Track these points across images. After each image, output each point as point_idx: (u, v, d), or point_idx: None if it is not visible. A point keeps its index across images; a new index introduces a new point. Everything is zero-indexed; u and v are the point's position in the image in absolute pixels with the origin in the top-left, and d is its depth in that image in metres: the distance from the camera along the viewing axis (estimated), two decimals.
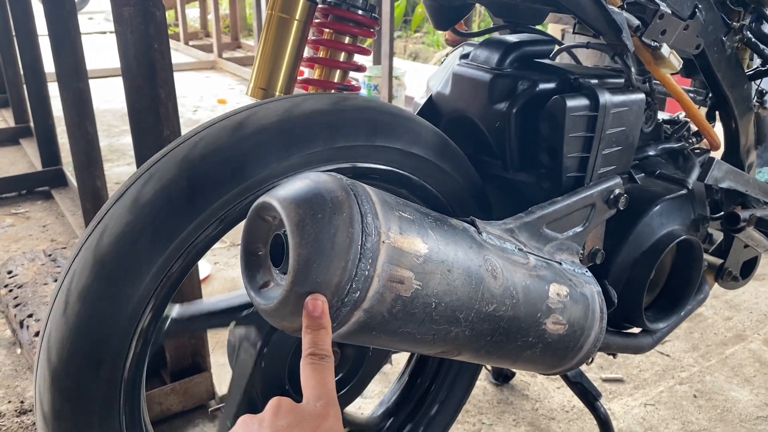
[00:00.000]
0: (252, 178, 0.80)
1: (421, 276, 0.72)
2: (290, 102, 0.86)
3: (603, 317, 0.99)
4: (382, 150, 0.92)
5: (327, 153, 0.86)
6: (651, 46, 1.06)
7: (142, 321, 0.79)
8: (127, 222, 0.76)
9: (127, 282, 0.76)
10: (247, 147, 0.80)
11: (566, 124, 1.01)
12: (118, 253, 0.76)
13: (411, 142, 0.95)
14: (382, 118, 0.92)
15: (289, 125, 0.83)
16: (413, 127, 0.96)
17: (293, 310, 0.66)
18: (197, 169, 0.78)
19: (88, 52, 2.34)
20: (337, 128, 0.87)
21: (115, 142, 3.98)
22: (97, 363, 0.77)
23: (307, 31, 1.05)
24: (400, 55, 7.23)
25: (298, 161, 0.83)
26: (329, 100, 0.89)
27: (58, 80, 2.20)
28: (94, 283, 0.76)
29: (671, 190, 1.18)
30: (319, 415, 0.56)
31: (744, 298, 2.32)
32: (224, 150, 0.79)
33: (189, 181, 0.78)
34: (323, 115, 0.86)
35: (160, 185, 0.77)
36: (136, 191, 0.78)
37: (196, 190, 0.78)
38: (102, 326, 0.76)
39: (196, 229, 0.79)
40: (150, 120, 1.46)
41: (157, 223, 0.77)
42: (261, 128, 0.81)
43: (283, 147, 0.82)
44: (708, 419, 1.72)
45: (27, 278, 2.01)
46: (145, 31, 1.39)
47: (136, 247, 0.76)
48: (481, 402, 1.77)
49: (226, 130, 0.80)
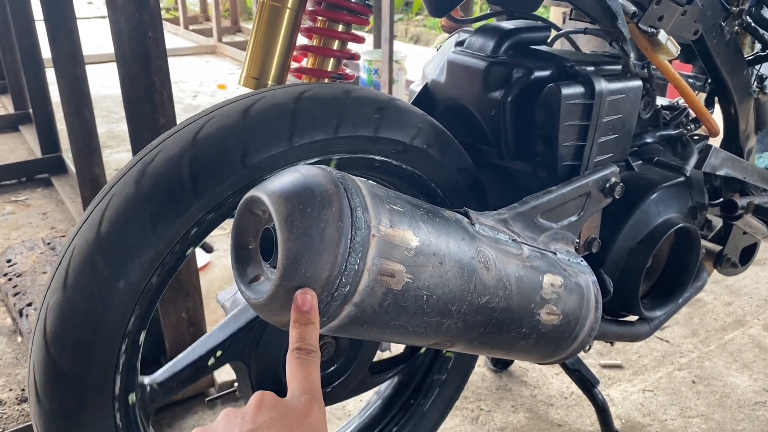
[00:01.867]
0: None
1: (412, 269, 0.72)
2: (283, 92, 0.85)
3: (598, 307, 0.98)
4: (376, 140, 0.91)
5: (322, 143, 0.86)
6: (648, 33, 1.04)
7: (143, 296, 0.79)
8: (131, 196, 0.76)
9: (129, 258, 0.76)
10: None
11: (561, 112, 1.00)
12: (118, 232, 0.76)
13: (404, 132, 0.94)
14: (375, 107, 0.91)
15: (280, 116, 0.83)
16: (406, 116, 0.95)
17: (283, 305, 0.66)
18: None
19: (87, 37, 2.32)
20: (333, 119, 0.86)
21: (115, 128, 3.97)
22: (93, 345, 0.77)
23: (300, 20, 1.03)
24: (401, 38, 7.18)
25: (294, 152, 0.83)
26: (330, 90, 0.88)
27: (54, 67, 2.19)
28: (94, 260, 0.75)
29: (669, 178, 1.17)
30: (303, 411, 0.56)
31: (744, 283, 2.32)
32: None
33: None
34: (316, 105, 0.86)
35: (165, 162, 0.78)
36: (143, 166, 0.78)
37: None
38: (99, 306, 0.76)
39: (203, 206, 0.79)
40: (145, 108, 1.45)
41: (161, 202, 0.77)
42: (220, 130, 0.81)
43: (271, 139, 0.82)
44: (706, 405, 1.73)
45: (26, 267, 2.01)
46: (140, 19, 1.37)
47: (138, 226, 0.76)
48: (480, 388, 1.77)
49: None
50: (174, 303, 1.64)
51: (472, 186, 1.06)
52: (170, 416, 1.66)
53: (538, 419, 1.67)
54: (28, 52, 3.08)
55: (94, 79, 4.50)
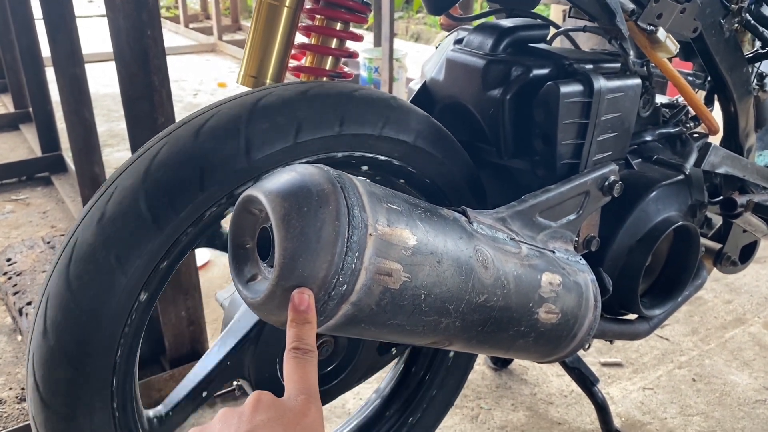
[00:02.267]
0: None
1: (409, 268, 0.72)
2: (283, 90, 0.85)
3: (597, 305, 0.98)
4: (375, 139, 0.91)
5: (321, 142, 0.86)
6: (647, 30, 1.04)
7: (145, 289, 0.79)
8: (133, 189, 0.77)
9: (132, 252, 0.77)
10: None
11: (560, 110, 1.00)
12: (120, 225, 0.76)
13: (403, 131, 0.94)
14: (374, 106, 0.91)
15: (284, 115, 0.83)
16: (406, 115, 0.95)
17: (280, 304, 0.66)
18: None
19: (87, 35, 2.32)
20: (334, 117, 0.86)
21: (115, 126, 3.97)
22: (92, 339, 0.77)
23: (298, 18, 1.03)
24: (401, 36, 7.17)
25: (295, 150, 0.83)
26: (330, 88, 0.88)
27: (54, 66, 2.19)
28: (96, 246, 0.76)
29: (668, 176, 1.17)
30: (300, 411, 0.56)
31: (744, 281, 2.31)
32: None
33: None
34: (315, 103, 0.86)
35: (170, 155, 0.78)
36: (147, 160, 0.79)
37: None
38: (101, 299, 0.76)
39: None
40: (144, 107, 1.45)
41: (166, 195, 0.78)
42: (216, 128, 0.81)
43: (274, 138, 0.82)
44: (706, 403, 1.72)
45: (26, 266, 2.01)
46: (138, 18, 1.37)
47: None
48: (480, 387, 1.77)
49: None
50: (173, 302, 1.64)
51: (471, 184, 1.06)
52: None
53: (537, 417, 1.67)
54: (27, 51, 3.08)
55: (95, 78, 4.51)
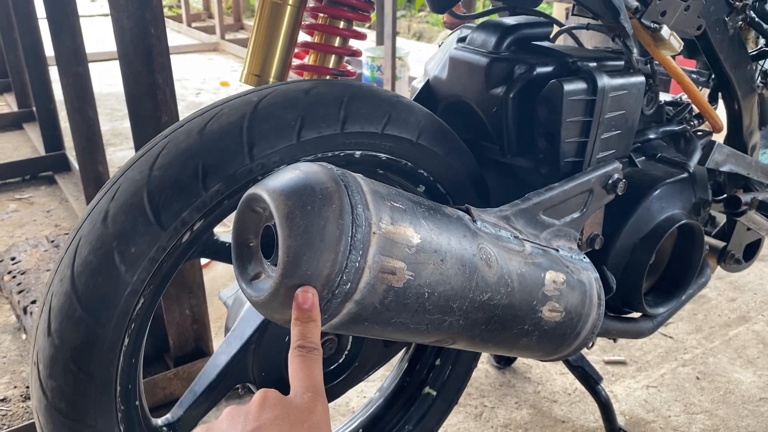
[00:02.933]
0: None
1: (413, 266, 0.72)
2: (287, 87, 0.85)
3: (601, 303, 0.98)
4: (378, 137, 0.91)
5: (322, 140, 0.86)
6: (651, 28, 1.04)
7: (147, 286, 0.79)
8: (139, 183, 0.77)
9: (138, 245, 0.77)
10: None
11: (564, 108, 1.00)
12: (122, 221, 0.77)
13: (407, 129, 0.94)
14: (377, 104, 0.91)
15: (282, 112, 0.83)
16: (409, 113, 0.95)
17: (284, 302, 0.66)
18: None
19: (91, 35, 2.33)
20: (334, 115, 0.86)
21: (118, 125, 3.98)
22: (97, 337, 0.77)
23: (301, 16, 1.03)
24: (404, 34, 7.17)
25: (294, 149, 0.83)
26: (327, 86, 0.88)
27: (57, 65, 2.19)
28: (104, 238, 0.76)
29: (672, 174, 1.16)
30: (306, 409, 0.56)
31: (749, 279, 2.31)
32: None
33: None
34: (317, 101, 0.86)
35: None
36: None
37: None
38: (105, 295, 0.76)
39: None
40: (148, 106, 1.45)
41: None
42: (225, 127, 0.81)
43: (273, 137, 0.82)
44: (710, 401, 1.72)
45: (30, 264, 2.02)
46: (142, 17, 1.37)
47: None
48: (483, 385, 1.77)
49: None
50: (177, 300, 1.64)
51: (475, 182, 1.06)
52: None
53: (541, 416, 1.67)
54: (31, 50, 3.09)
55: (98, 77, 4.51)
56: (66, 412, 0.78)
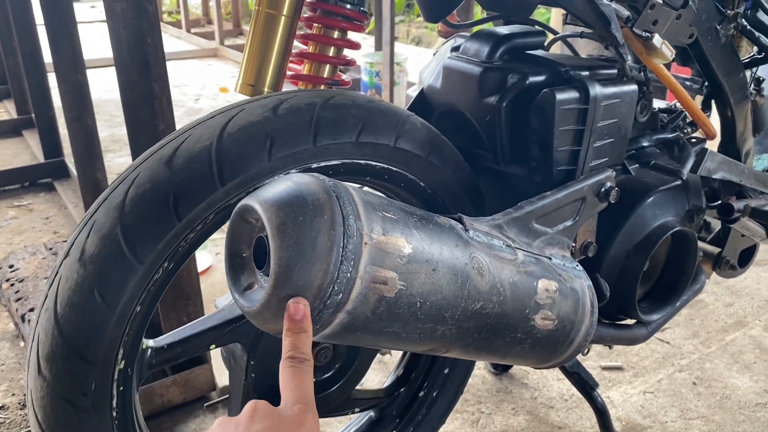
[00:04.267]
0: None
1: (405, 276, 0.72)
2: (276, 99, 0.86)
3: (594, 311, 0.99)
4: (372, 146, 0.92)
5: (316, 150, 0.86)
6: (642, 37, 1.05)
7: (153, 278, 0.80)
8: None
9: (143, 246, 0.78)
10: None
11: (556, 117, 1.00)
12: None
13: (401, 138, 0.94)
14: (371, 114, 0.91)
15: (275, 123, 0.83)
16: (403, 122, 0.95)
17: (276, 313, 0.66)
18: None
19: (90, 41, 2.33)
20: (328, 125, 0.87)
21: (117, 132, 3.98)
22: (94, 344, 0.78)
23: (295, 26, 1.04)
24: (403, 39, 7.18)
25: (286, 159, 0.83)
26: (318, 96, 0.89)
27: (56, 73, 2.20)
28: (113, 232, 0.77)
29: (665, 181, 1.17)
30: (296, 420, 0.57)
31: (745, 284, 2.31)
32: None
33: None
34: (315, 111, 0.86)
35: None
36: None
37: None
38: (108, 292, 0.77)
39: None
40: (145, 114, 1.46)
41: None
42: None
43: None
44: (707, 406, 1.72)
45: (28, 272, 2.02)
46: (138, 26, 1.38)
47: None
48: (480, 391, 1.78)
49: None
50: (175, 307, 1.65)
51: (469, 191, 1.06)
52: (171, 420, 1.66)
53: (538, 422, 1.67)
54: (30, 58, 3.10)
55: (98, 84, 4.52)
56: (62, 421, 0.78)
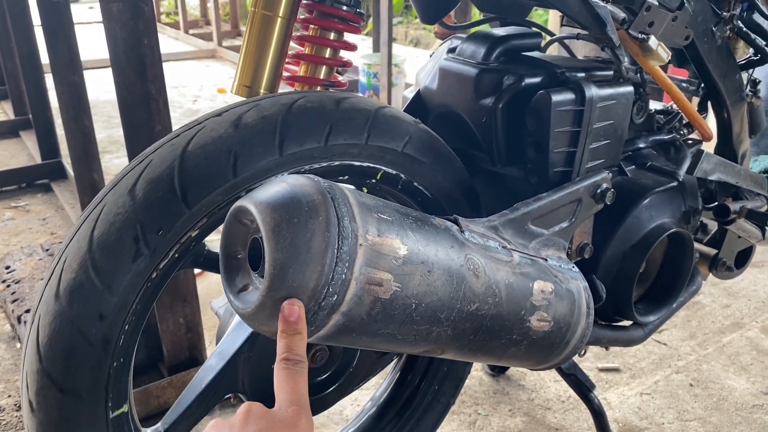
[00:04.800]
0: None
1: (400, 278, 0.72)
2: (274, 101, 0.86)
3: (590, 312, 0.99)
4: (368, 148, 0.92)
5: (313, 151, 0.86)
6: (638, 39, 1.05)
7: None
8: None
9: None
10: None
11: (552, 119, 1.00)
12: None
13: (397, 140, 0.94)
14: (367, 116, 0.91)
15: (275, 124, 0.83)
16: (399, 124, 0.95)
17: (270, 315, 0.66)
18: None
19: (89, 42, 2.33)
20: (324, 127, 0.87)
21: (115, 133, 3.98)
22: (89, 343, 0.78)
23: (291, 28, 1.04)
24: (401, 41, 7.19)
25: (285, 160, 0.83)
26: (316, 98, 0.89)
27: (53, 74, 2.20)
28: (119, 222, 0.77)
29: (661, 183, 1.17)
30: (290, 422, 0.57)
31: (742, 285, 2.31)
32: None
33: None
34: (310, 113, 0.86)
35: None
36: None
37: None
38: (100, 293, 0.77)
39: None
40: (141, 116, 1.46)
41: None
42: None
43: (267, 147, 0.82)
44: (704, 408, 1.73)
45: (25, 273, 2.02)
46: (135, 27, 1.38)
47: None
48: (477, 393, 1.78)
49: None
50: (171, 308, 1.64)
51: (465, 192, 1.06)
52: None
53: (535, 423, 1.67)
54: (27, 58, 3.10)
55: (95, 84, 4.52)
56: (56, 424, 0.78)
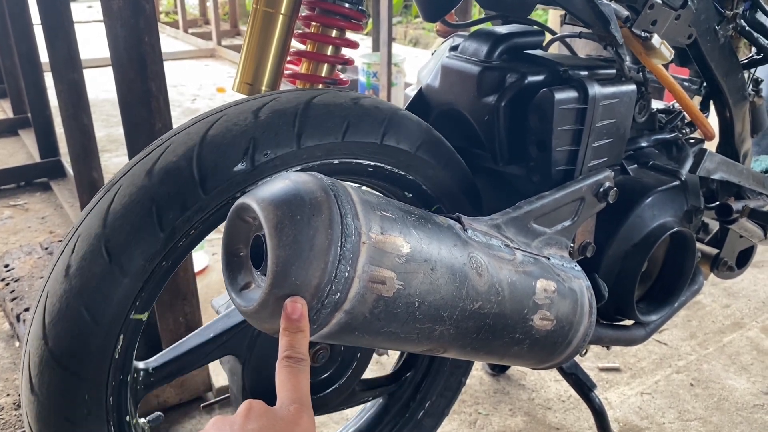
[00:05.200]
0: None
1: (403, 276, 0.72)
2: (273, 98, 0.85)
3: (592, 311, 0.98)
4: (370, 146, 0.91)
5: (316, 149, 0.86)
6: (641, 37, 1.04)
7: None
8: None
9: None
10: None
11: (555, 117, 1.00)
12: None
13: (399, 138, 0.94)
14: (369, 114, 0.91)
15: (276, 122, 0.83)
16: (401, 122, 0.95)
17: (273, 313, 0.66)
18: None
19: (87, 40, 2.33)
20: (326, 124, 0.86)
21: (114, 132, 3.97)
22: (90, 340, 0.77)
23: (293, 25, 1.03)
24: (400, 40, 7.18)
25: (288, 157, 0.83)
26: (312, 95, 0.88)
27: (52, 71, 2.19)
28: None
29: (663, 182, 1.17)
30: (292, 420, 0.56)
31: (743, 285, 2.31)
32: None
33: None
34: (310, 111, 0.86)
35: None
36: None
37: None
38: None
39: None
40: (142, 113, 1.45)
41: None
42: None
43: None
44: (704, 408, 1.72)
45: (24, 272, 2.02)
46: (135, 25, 1.38)
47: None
48: (478, 392, 1.77)
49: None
50: (171, 307, 1.64)
51: (467, 191, 1.06)
52: (167, 421, 1.66)
53: (535, 423, 1.67)
54: (26, 57, 3.09)
55: (95, 83, 4.51)
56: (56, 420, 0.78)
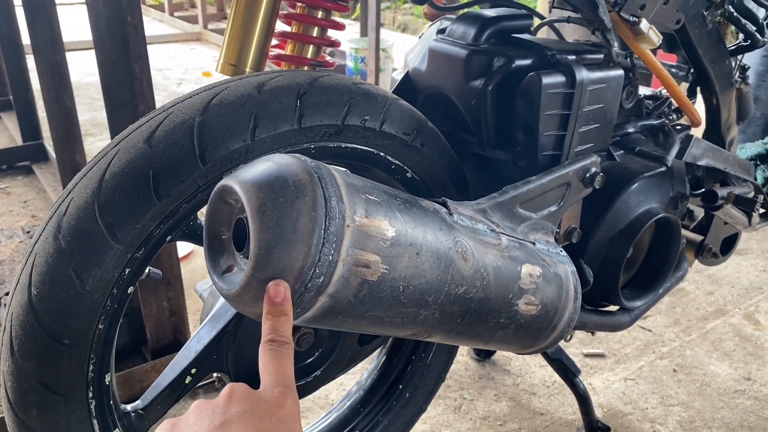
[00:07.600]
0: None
1: (388, 259, 0.71)
2: (258, 79, 0.84)
3: (577, 297, 0.98)
4: (356, 129, 0.90)
5: (299, 132, 0.84)
6: (630, 21, 1.04)
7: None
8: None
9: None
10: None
11: (542, 101, 0.99)
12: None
13: (384, 121, 0.93)
14: (355, 96, 0.90)
15: (260, 102, 0.81)
16: (387, 105, 0.94)
17: (255, 296, 0.65)
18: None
19: (70, 23, 2.29)
20: (311, 106, 0.85)
21: (98, 116, 3.92)
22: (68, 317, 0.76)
23: (278, 6, 1.02)
24: (388, 26, 7.15)
25: (268, 140, 0.82)
26: (303, 77, 0.87)
27: (34, 54, 2.16)
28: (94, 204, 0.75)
29: (650, 168, 1.17)
30: (276, 403, 0.55)
31: (726, 272, 2.33)
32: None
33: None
34: (297, 93, 0.84)
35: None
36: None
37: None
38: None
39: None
40: (124, 95, 1.43)
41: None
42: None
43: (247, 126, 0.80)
44: (687, 393, 1.74)
45: (5, 256, 1.99)
46: (118, 4, 1.35)
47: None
48: (463, 377, 1.78)
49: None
50: (155, 292, 1.63)
51: (453, 175, 1.05)
52: None
53: (520, 408, 1.67)
54: (8, 39, 3.04)
55: (78, 67, 4.45)
56: (34, 407, 0.77)
